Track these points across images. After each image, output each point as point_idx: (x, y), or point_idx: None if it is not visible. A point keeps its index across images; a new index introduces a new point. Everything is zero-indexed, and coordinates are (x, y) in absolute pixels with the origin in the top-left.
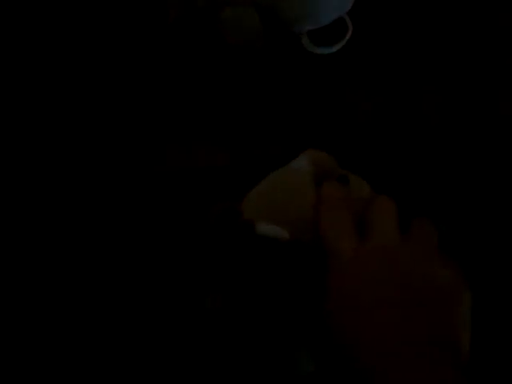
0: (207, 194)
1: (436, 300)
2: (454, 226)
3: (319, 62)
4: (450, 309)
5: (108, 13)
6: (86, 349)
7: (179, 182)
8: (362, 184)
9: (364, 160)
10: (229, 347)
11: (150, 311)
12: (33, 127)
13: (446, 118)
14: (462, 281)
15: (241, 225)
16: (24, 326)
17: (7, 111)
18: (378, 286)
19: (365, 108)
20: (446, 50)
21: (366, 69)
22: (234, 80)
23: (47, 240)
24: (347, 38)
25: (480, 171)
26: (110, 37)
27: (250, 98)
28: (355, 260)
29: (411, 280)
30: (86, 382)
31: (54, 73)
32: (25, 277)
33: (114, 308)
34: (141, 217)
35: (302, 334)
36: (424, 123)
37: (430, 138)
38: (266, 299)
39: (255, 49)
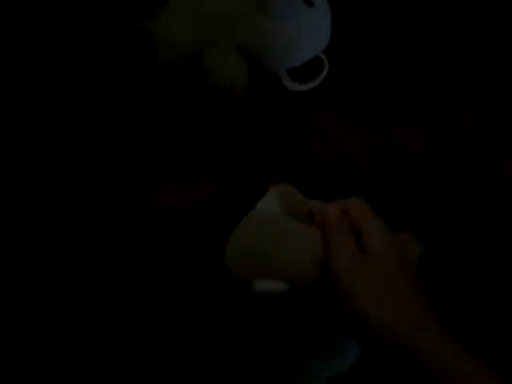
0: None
1: None
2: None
3: (297, 97)
4: None
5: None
6: (85, 350)
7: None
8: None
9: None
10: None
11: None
12: None
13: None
14: None
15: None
16: (24, 325)
17: None
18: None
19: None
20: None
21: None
22: (219, 117)
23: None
24: (324, 74)
25: None
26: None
27: (236, 134)
28: (356, 273)
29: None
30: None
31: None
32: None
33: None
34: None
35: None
36: None
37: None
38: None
39: (240, 88)
